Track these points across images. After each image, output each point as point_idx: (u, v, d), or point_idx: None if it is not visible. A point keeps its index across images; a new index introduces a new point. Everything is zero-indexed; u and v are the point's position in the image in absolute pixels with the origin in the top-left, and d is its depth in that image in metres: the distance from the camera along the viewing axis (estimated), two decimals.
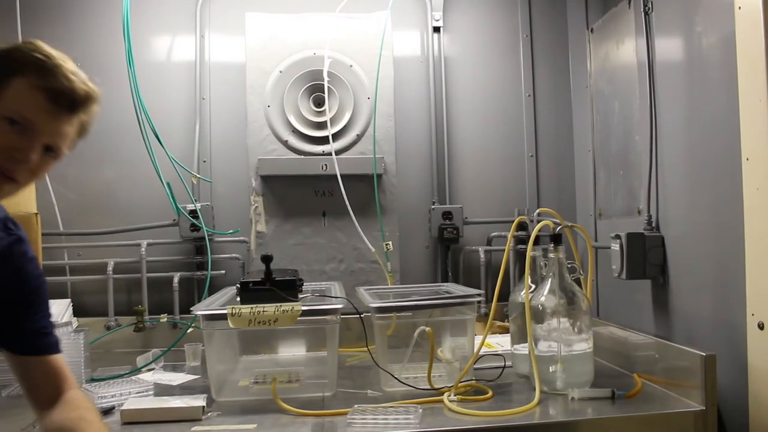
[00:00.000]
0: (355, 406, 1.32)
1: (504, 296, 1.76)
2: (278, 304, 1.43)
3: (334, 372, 1.51)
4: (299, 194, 2.16)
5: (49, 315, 1.12)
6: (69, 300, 2.00)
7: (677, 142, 1.59)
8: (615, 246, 1.65)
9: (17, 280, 1.06)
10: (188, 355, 1.81)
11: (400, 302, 1.58)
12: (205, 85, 2.20)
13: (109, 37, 2.09)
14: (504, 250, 1.71)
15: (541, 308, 1.47)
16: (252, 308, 1.42)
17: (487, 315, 1.81)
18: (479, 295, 1.59)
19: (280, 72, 2.14)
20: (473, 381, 1.51)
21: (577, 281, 1.52)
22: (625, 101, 1.84)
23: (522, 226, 2.13)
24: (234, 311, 1.41)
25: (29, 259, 1.09)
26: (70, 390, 1.09)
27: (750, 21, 1.24)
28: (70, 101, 0.96)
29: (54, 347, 1.10)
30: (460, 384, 1.46)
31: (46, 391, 1.07)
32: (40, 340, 1.09)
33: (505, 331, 1.97)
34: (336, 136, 2.14)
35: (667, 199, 1.63)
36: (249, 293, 1.50)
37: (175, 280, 2.08)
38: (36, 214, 1.82)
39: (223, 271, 2.13)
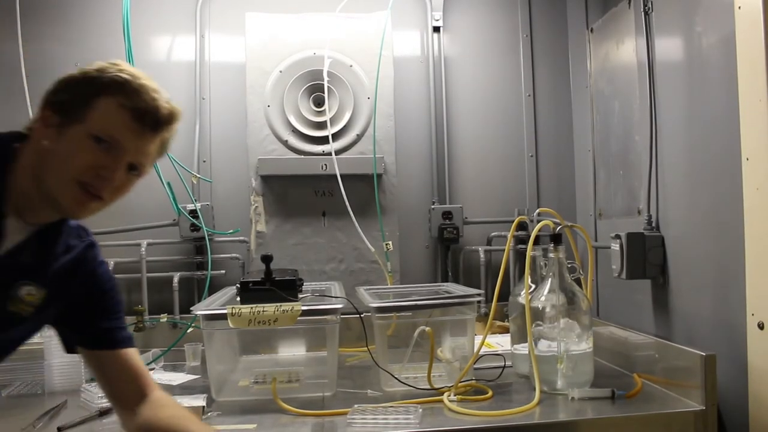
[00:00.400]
0: (355, 406, 1.33)
1: (504, 296, 1.76)
2: (278, 304, 1.43)
3: (334, 372, 1.51)
4: (299, 194, 2.16)
5: (122, 316, 1.16)
6: None
7: (677, 142, 1.59)
8: (615, 246, 1.65)
9: (90, 284, 1.11)
10: (188, 355, 1.81)
11: (400, 302, 1.58)
12: (205, 85, 2.20)
13: (109, 37, 2.09)
14: (504, 250, 1.71)
15: (541, 308, 1.47)
16: (252, 308, 1.42)
17: (487, 315, 1.81)
18: (479, 295, 1.59)
19: (280, 72, 2.14)
20: (473, 381, 1.51)
21: (577, 281, 1.52)
22: (625, 101, 1.84)
23: (522, 226, 2.13)
24: (234, 311, 1.41)
25: (99, 263, 1.13)
26: (155, 390, 1.13)
27: (750, 21, 1.24)
28: (154, 120, 0.99)
29: (127, 341, 1.13)
30: (460, 384, 1.46)
31: (126, 390, 1.10)
32: (113, 335, 1.12)
33: (505, 331, 1.97)
34: (336, 136, 2.14)
35: (667, 199, 1.63)
36: (249, 293, 1.50)
37: (175, 280, 2.08)
38: None
39: (223, 271, 2.13)
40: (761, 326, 1.22)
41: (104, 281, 1.13)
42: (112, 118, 0.95)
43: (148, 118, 0.98)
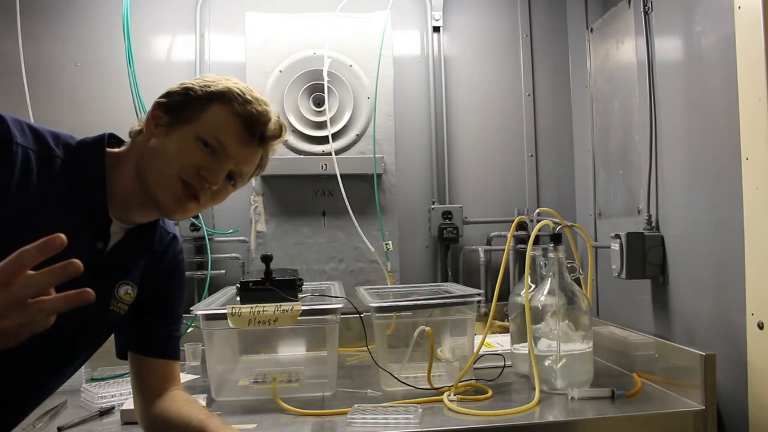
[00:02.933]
0: (355, 405, 1.33)
1: (504, 296, 1.76)
2: (278, 304, 1.43)
3: (333, 372, 1.51)
4: (299, 194, 2.16)
5: (181, 324, 1.18)
6: None
7: (677, 142, 1.59)
8: (615, 246, 1.65)
9: (170, 279, 1.13)
10: (188, 354, 1.81)
11: (400, 302, 1.58)
12: None
13: (109, 36, 2.09)
14: (504, 249, 1.71)
15: (541, 308, 1.47)
16: (252, 308, 1.42)
17: (486, 314, 1.81)
18: (479, 294, 1.59)
19: (280, 72, 2.14)
20: (473, 380, 1.51)
21: (577, 281, 1.52)
22: (625, 101, 1.84)
23: (522, 226, 2.13)
24: (234, 311, 1.41)
25: (181, 259, 1.16)
26: (176, 388, 1.15)
27: (750, 21, 1.24)
28: (262, 132, 1.00)
29: (174, 354, 1.16)
30: (460, 384, 1.46)
31: (154, 388, 1.13)
32: (165, 346, 1.15)
33: (504, 330, 1.97)
34: (336, 135, 2.14)
35: (667, 199, 1.63)
36: (249, 293, 1.50)
37: None
38: None
39: (223, 271, 2.13)
40: (761, 326, 1.22)
41: (181, 278, 1.17)
42: (222, 123, 0.97)
43: (257, 129, 0.99)
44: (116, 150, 1.00)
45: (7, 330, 0.66)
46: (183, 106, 0.98)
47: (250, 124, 0.99)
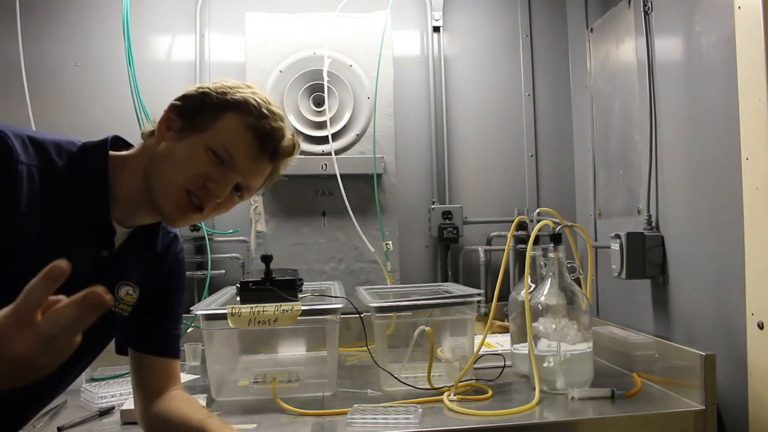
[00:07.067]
0: (355, 405, 1.33)
1: (504, 296, 1.76)
2: (278, 304, 1.43)
3: (333, 372, 1.51)
4: (299, 194, 2.15)
5: (181, 317, 1.18)
6: None
7: (677, 142, 1.59)
8: (615, 245, 1.65)
9: (170, 278, 1.13)
10: (188, 354, 1.81)
11: (400, 302, 1.58)
12: None
13: (109, 36, 2.09)
14: (504, 249, 1.71)
15: (540, 308, 1.47)
16: (252, 308, 1.42)
17: (486, 314, 1.81)
18: (479, 294, 1.59)
19: (280, 72, 2.14)
20: (473, 380, 1.51)
21: (577, 281, 1.52)
22: (625, 101, 1.84)
23: (522, 226, 2.13)
24: (234, 311, 1.41)
25: (182, 258, 1.16)
26: (176, 388, 1.15)
27: (750, 21, 1.24)
28: (274, 147, 0.98)
29: (174, 353, 1.16)
30: (460, 384, 1.46)
31: (154, 387, 1.13)
32: (165, 344, 1.14)
33: (504, 330, 1.97)
34: (336, 135, 2.14)
35: (667, 199, 1.63)
36: (249, 293, 1.50)
37: None
38: None
39: (223, 271, 2.13)
40: (761, 326, 1.22)
41: (182, 277, 1.17)
42: (234, 135, 0.95)
43: (269, 145, 0.97)
44: (122, 153, 0.98)
45: (45, 366, 0.63)
46: (197, 112, 0.96)
47: (263, 140, 0.96)
